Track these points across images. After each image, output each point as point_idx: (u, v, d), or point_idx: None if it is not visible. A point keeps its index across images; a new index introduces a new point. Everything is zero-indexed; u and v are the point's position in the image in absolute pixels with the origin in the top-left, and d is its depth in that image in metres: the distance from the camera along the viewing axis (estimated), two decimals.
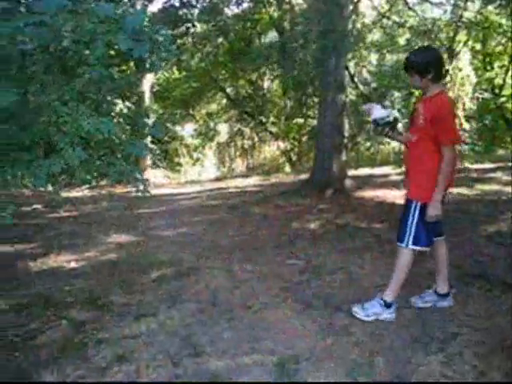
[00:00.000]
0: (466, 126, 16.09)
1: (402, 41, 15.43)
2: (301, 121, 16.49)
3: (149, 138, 8.72)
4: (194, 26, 13.01)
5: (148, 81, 14.59)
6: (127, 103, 5.30)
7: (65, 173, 3.39)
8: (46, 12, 2.96)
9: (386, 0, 14.72)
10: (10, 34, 2.80)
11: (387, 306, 3.77)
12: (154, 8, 12.90)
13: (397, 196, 7.96)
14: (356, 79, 16.06)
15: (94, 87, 3.40)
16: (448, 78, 15.20)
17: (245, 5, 14.69)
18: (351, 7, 10.23)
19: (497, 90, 16.13)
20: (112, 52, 3.88)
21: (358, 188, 8.85)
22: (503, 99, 15.89)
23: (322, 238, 6.08)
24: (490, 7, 12.16)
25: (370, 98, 16.00)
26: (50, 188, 9.75)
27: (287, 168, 17.17)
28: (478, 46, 15.57)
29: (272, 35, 17.79)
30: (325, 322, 3.75)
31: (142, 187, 3.57)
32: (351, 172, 10.06)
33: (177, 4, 12.35)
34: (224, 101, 19.43)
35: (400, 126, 3.94)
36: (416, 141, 3.67)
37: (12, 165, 3.31)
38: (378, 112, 3.81)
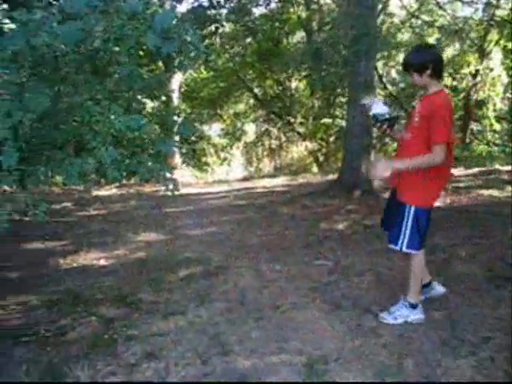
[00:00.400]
0: (497, 126, 15.87)
1: (431, 40, 15.26)
2: (328, 121, 16.42)
3: (177, 138, 8.78)
4: (222, 26, 13.03)
5: (176, 80, 14.67)
6: (156, 103, 5.32)
7: (96, 171, 3.42)
8: (77, 13, 3.02)
9: None
10: (45, 42, 2.85)
11: (413, 306, 3.76)
12: (182, 8, 12.98)
13: None
14: (384, 79, 15.96)
15: (125, 86, 3.44)
16: (478, 78, 15.02)
17: (273, 5, 14.71)
18: (380, 6, 10.18)
19: None
20: (141, 52, 3.91)
21: (387, 189, 8.76)
22: None
23: (351, 239, 6.05)
24: None
25: (398, 99, 15.88)
26: (81, 187, 9.89)
27: (314, 168, 17.12)
28: (510, 45, 15.30)
29: (300, 35, 17.77)
30: (353, 324, 3.74)
31: (171, 186, 3.59)
32: None
33: (205, 4, 12.41)
34: (251, 101, 19.46)
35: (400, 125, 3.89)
36: (410, 139, 3.63)
37: (46, 163, 3.37)
38: (378, 108, 3.79)
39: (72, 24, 3.12)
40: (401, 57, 16.40)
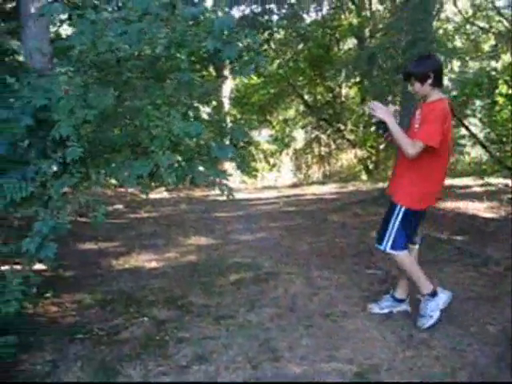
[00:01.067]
0: None
1: (486, 47, 14.92)
2: None
3: (227, 142, 8.87)
4: (275, 32, 13.11)
5: (227, 86, 14.82)
6: (208, 108, 5.39)
7: (152, 175, 3.49)
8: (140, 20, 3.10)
9: (472, 4, 14.29)
10: (109, 44, 2.94)
11: (432, 295, 3.78)
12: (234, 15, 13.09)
13: (479, 208, 7.72)
14: None
15: (185, 92, 3.50)
16: None
17: (324, 11, 14.72)
18: (435, 11, 10.02)
19: None
20: (193, 58, 3.97)
21: (438, 199, 8.59)
22: None
23: None
24: None
25: (450, 106, 15.53)
26: (135, 189, 10.05)
27: (364, 176, 16.96)
28: None
29: (351, 42, 17.68)
30: (405, 334, 3.69)
31: (226, 191, 3.64)
32: None
33: (257, 10, 12.52)
34: (301, 107, 19.43)
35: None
36: None
37: (105, 165, 3.47)
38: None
39: (135, 27, 3.22)
40: (454, 64, 16.11)
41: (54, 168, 3.29)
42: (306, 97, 18.67)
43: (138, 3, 3.32)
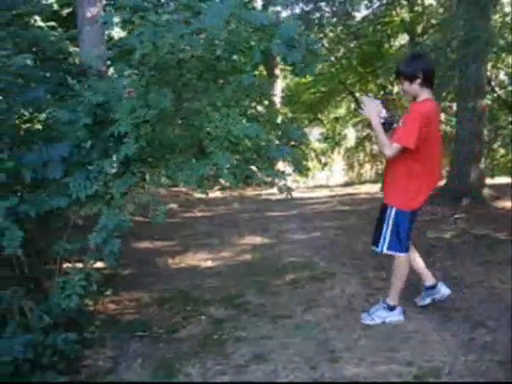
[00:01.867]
0: None
1: None
2: None
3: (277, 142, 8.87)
4: (329, 30, 13.02)
5: (278, 85, 14.83)
6: (261, 108, 5.43)
7: (212, 175, 3.55)
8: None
9: None
10: (170, 44, 2.99)
11: (390, 308, 3.86)
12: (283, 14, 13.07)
13: None
14: (493, 83, 15.24)
15: (244, 94, 3.53)
16: None
17: (375, 7, 14.53)
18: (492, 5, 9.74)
19: None
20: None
21: (497, 198, 8.38)
22: None
23: (459, 249, 5.83)
24: None
25: (507, 102, 15.08)
26: (186, 189, 10.17)
27: None
28: None
29: (402, 38, 17.38)
30: (466, 337, 3.60)
31: (285, 191, 3.67)
32: (487, 180, 9.53)
33: (307, 9, 12.47)
34: (352, 105, 19.24)
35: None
36: None
37: (166, 165, 3.54)
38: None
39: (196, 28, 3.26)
40: (510, 58, 15.61)
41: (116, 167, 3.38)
42: (358, 94, 18.47)
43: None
